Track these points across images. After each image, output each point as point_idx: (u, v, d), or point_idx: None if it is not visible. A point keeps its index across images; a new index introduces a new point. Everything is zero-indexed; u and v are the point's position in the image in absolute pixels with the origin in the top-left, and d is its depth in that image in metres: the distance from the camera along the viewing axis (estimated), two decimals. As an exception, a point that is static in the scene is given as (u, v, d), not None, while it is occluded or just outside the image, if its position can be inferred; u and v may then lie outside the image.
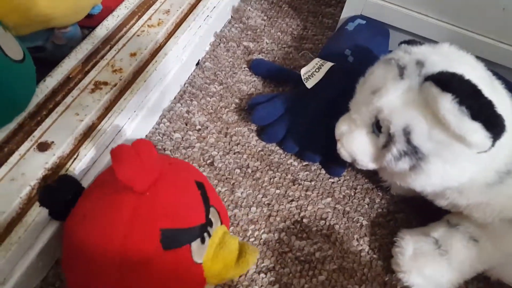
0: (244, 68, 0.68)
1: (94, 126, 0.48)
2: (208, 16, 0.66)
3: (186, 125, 0.59)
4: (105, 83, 0.51)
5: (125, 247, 0.34)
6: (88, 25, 0.62)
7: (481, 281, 0.49)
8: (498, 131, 0.36)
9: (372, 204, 0.55)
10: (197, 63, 0.66)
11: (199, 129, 0.59)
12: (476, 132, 0.35)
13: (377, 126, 0.43)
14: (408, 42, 0.46)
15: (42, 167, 0.43)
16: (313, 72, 0.59)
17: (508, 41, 0.58)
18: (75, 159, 0.45)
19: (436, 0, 0.59)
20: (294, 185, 0.55)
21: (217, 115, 0.61)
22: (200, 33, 0.64)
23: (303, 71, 0.60)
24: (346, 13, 0.68)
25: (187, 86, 0.64)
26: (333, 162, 0.56)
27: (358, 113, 0.44)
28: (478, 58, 0.42)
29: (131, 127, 0.53)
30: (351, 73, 0.52)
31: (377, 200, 0.56)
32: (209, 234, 0.38)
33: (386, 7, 0.64)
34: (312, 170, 0.57)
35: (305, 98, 0.58)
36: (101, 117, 0.49)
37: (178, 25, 0.62)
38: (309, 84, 0.58)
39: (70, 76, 0.52)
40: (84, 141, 0.47)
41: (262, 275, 0.48)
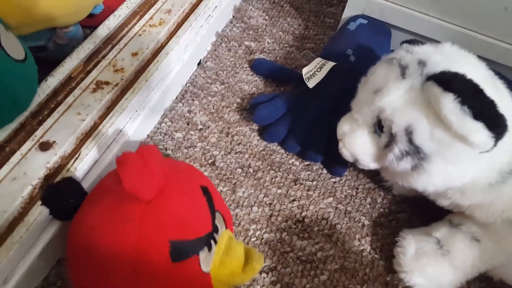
0: (246, 67, 0.67)
1: (95, 126, 0.48)
2: (209, 15, 0.66)
3: (188, 124, 0.59)
4: (107, 83, 0.51)
5: (137, 258, 0.33)
6: (90, 24, 0.62)
7: (483, 281, 0.49)
8: (500, 131, 0.36)
9: (374, 204, 0.55)
10: (199, 63, 0.66)
11: (201, 129, 0.59)
12: (478, 132, 0.35)
13: (379, 126, 0.43)
14: (410, 42, 0.46)
15: (44, 167, 0.43)
16: (315, 71, 0.59)
17: (510, 41, 0.58)
18: (76, 158, 0.45)
19: (438, 0, 0.59)
20: (295, 184, 0.55)
21: (218, 114, 0.61)
22: (202, 33, 0.64)
23: (305, 70, 0.60)
24: (347, 12, 0.68)
25: (188, 86, 0.64)
26: (335, 162, 0.56)
27: (360, 112, 0.44)
28: (480, 57, 0.42)
29: (133, 126, 0.53)
30: (352, 72, 0.52)
31: (379, 200, 0.55)
32: (215, 241, 0.38)
33: (387, 7, 0.64)
34: (313, 169, 0.57)
35: (306, 97, 0.58)
36: (103, 117, 0.49)
37: (179, 25, 0.62)
38: (311, 83, 0.58)
39: (71, 75, 0.52)
40: (85, 140, 0.47)
41: (264, 274, 0.48)
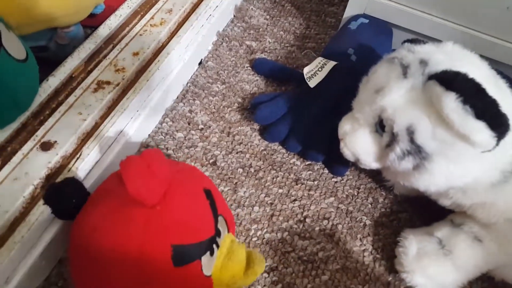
0: (247, 67, 0.67)
1: (97, 126, 0.48)
2: (210, 15, 0.66)
3: (189, 124, 0.59)
4: (108, 83, 0.51)
5: (139, 261, 0.33)
6: (91, 24, 0.62)
7: (485, 281, 0.49)
8: (502, 130, 0.36)
9: (376, 203, 0.55)
10: (200, 63, 0.66)
11: (202, 129, 0.59)
12: (480, 131, 0.35)
13: (380, 125, 0.43)
14: (412, 41, 0.46)
15: (45, 167, 0.43)
16: (316, 71, 0.59)
17: (512, 40, 0.58)
18: (78, 158, 0.45)
19: (439, -1, 0.59)
20: (297, 184, 0.55)
21: (219, 114, 0.61)
22: (203, 33, 0.64)
23: (306, 70, 0.60)
24: (349, 12, 0.68)
25: (189, 86, 0.64)
26: (336, 162, 0.56)
27: (361, 112, 0.44)
28: (482, 56, 0.42)
29: (134, 126, 0.53)
30: (354, 72, 0.52)
31: (381, 199, 0.55)
32: (217, 245, 0.38)
33: (389, 6, 0.63)
34: (315, 169, 0.57)
35: (308, 97, 0.58)
36: (104, 117, 0.49)
37: (180, 25, 0.62)
38: (312, 83, 0.58)
39: (73, 75, 0.52)
40: (87, 140, 0.47)
41: (265, 274, 0.48)
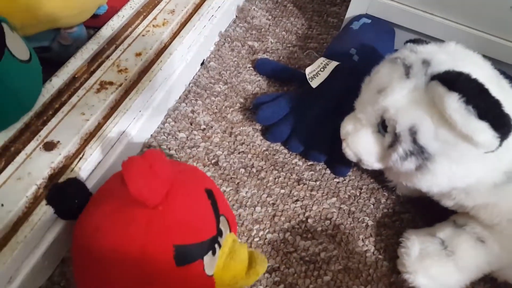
0: (249, 67, 0.67)
1: (99, 126, 0.49)
2: (213, 15, 0.66)
3: (191, 124, 0.59)
4: (111, 83, 0.51)
5: (141, 261, 0.33)
6: (94, 25, 0.63)
7: (488, 282, 0.48)
8: (505, 131, 0.35)
9: (378, 204, 0.55)
10: (202, 63, 0.66)
11: (204, 129, 0.59)
12: (483, 131, 0.35)
13: (382, 126, 0.42)
14: (414, 41, 0.46)
15: (48, 167, 0.43)
16: (318, 71, 0.59)
17: (515, 40, 0.58)
18: (80, 158, 0.45)
19: (442, -1, 0.59)
20: (299, 184, 0.55)
21: (221, 114, 0.61)
22: (205, 33, 0.64)
23: (308, 70, 0.60)
24: (351, 12, 0.68)
25: (192, 86, 0.64)
26: (338, 162, 0.56)
27: (364, 112, 0.44)
28: (485, 56, 0.42)
29: (137, 126, 0.53)
30: (356, 72, 0.52)
31: (383, 200, 0.55)
32: (219, 245, 0.38)
33: (391, 6, 0.63)
34: (317, 169, 0.57)
35: (310, 97, 0.58)
36: (107, 117, 0.49)
37: (183, 25, 0.62)
38: (314, 83, 0.58)
39: (76, 76, 0.52)
40: (89, 140, 0.47)
41: (267, 275, 0.48)
